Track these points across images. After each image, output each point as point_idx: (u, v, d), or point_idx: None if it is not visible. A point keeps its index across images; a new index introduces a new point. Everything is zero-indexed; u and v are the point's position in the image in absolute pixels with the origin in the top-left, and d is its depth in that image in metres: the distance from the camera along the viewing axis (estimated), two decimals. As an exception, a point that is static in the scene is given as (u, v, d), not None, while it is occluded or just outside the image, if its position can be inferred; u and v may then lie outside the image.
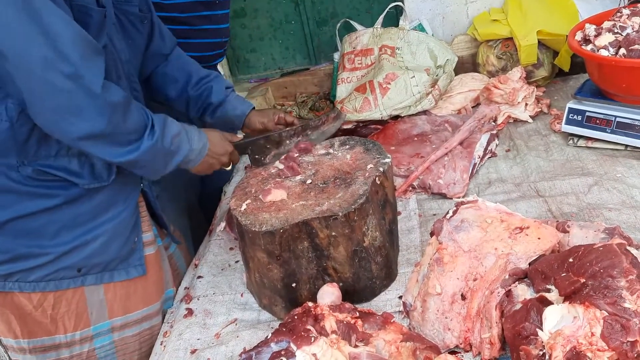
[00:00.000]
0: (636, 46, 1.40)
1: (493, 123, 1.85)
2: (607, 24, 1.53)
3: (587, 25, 1.56)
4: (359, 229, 1.16)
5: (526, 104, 1.87)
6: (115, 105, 1.04)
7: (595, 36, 1.51)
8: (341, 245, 1.15)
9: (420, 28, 2.30)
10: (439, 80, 2.03)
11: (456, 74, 2.17)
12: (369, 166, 1.27)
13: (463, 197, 1.57)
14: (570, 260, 0.91)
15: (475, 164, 1.66)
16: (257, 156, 1.39)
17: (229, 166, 1.38)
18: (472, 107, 2.02)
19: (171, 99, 1.52)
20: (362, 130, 2.09)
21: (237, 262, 1.51)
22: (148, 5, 1.39)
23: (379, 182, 1.23)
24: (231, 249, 1.58)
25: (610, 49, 1.45)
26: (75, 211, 1.22)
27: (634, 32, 1.44)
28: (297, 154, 1.37)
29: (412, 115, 2.00)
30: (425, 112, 2.02)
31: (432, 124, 1.93)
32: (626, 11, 1.56)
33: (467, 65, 2.28)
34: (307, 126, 1.43)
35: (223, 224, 1.64)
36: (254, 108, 1.57)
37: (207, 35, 1.78)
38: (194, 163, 1.26)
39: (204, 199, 2.09)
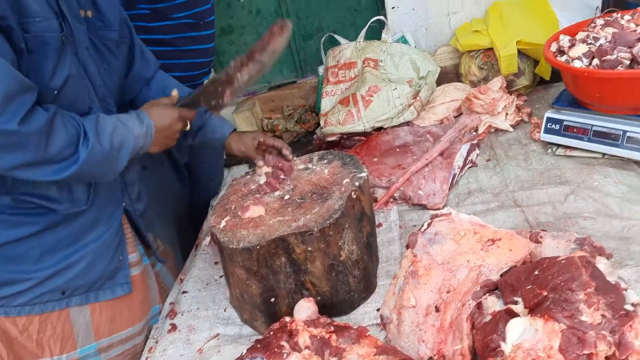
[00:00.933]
0: (608, 57, 1.42)
1: (474, 133, 1.88)
2: (581, 35, 1.56)
3: (561, 36, 1.59)
4: (335, 244, 1.18)
5: (506, 114, 1.89)
6: (37, 133, 1.01)
7: (570, 47, 1.54)
8: (318, 260, 1.17)
9: (403, 40, 2.33)
10: (420, 92, 2.06)
11: (439, 84, 2.20)
12: (345, 181, 1.29)
13: (443, 207, 1.59)
14: (536, 272, 0.92)
15: (455, 175, 1.68)
16: (213, 102, 1.31)
17: (186, 127, 1.33)
18: (455, 117, 2.05)
19: None
20: (346, 142, 2.11)
21: (221, 276, 1.53)
22: (129, 30, 1.41)
23: (355, 197, 1.25)
24: (216, 263, 1.60)
25: (584, 59, 1.48)
26: (56, 236, 1.24)
27: (607, 43, 1.46)
28: (283, 176, 1.37)
29: (395, 126, 2.03)
30: (407, 123, 2.04)
31: (414, 134, 1.96)
32: (600, 21, 1.59)
33: (450, 75, 2.30)
34: (253, 50, 1.28)
35: (208, 238, 1.66)
36: (234, 130, 1.56)
37: (193, 56, 1.81)
38: (146, 147, 1.23)
39: (193, 212, 2.11)
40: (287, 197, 1.29)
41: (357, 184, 1.27)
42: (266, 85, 2.72)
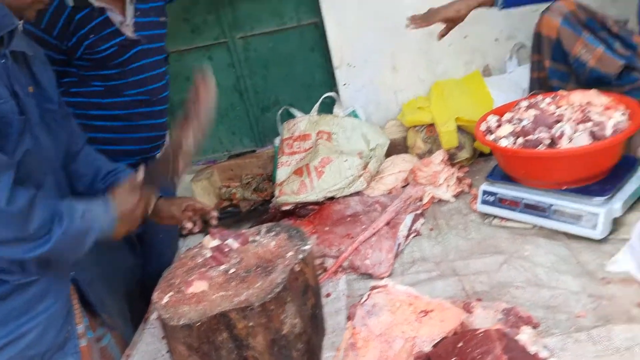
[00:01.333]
0: (530, 137, 1.56)
1: (419, 203, 1.98)
2: (507, 116, 1.71)
3: (490, 116, 1.74)
4: (277, 318, 1.22)
5: (448, 185, 2.01)
6: (20, 213, 1.09)
7: (497, 127, 1.68)
8: (260, 334, 1.20)
9: (355, 114, 2.47)
10: (369, 163, 2.17)
11: (389, 156, 2.32)
12: (289, 254, 1.34)
13: (389, 276, 1.65)
14: (459, 345, 0.98)
15: (400, 244, 1.76)
16: (168, 173, 1.34)
17: (149, 210, 1.38)
18: (402, 187, 2.16)
19: (80, 193, 1.57)
20: (300, 211, 2.18)
21: (168, 351, 1.53)
22: (63, 103, 1.47)
23: (298, 269, 1.30)
24: (163, 337, 1.59)
25: (510, 138, 1.62)
26: (7, 306, 1.24)
27: (529, 124, 1.61)
28: (227, 249, 1.42)
29: (346, 196, 2.12)
30: (358, 193, 2.14)
31: (364, 204, 2.05)
32: (524, 103, 1.75)
33: (399, 147, 2.44)
34: (187, 112, 1.32)
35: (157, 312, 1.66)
36: (162, 196, 1.59)
37: (146, 130, 1.88)
38: (110, 232, 1.28)
39: (146, 284, 2.10)
40: (232, 270, 1.33)
41: (300, 256, 1.33)
42: (226, 154, 2.80)
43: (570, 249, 1.53)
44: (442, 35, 1.87)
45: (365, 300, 1.27)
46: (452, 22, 1.89)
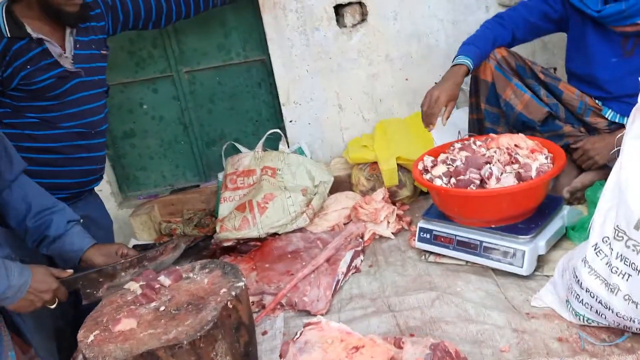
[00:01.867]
0: (462, 177, 1.63)
1: (360, 239, 2.01)
2: (442, 157, 1.79)
3: (425, 157, 1.81)
4: (207, 356, 1.19)
5: (388, 222, 2.06)
6: None
7: (432, 167, 1.75)
8: (188, 373, 1.17)
9: (300, 151, 2.51)
10: (313, 200, 2.20)
11: (333, 192, 2.35)
12: (222, 290, 1.33)
13: (326, 313, 1.65)
14: (385, 380, 0.99)
15: (339, 281, 1.77)
16: (88, 290, 1.40)
17: (53, 304, 1.36)
18: (345, 224, 2.19)
19: (12, 227, 1.51)
20: (242, 247, 2.16)
21: (93, 393, 1.45)
22: None
23: (231, 306, 1.28)
24: (89, 379, 1.52)
25: (444, 178, 1.69)
26: None
27: (462, 164, 1.69)
28: (158, 286, 1.38)
29: (289, 232, 2.13)
30: (301, 229, 2.15)
31: (305, 241, 2.05)
32: (458, 145, 1.83)
33: (344, 184, 2.48)
34: (144, 257, 1.46)
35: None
36: (95, 244, 1.57)
37: (83, 163, 1.84)
38: (12, 300, 1.25)
39: (78, 323, 2.01)
40: (162, 308, 1.30)
41: (233, 293, 1.31)
42: (168, 188, 2.76)
43: (499, 285, 1.59)
44: (447, 118, 1.92)
45: (298, 337, 1.26)
46: (454, 102, 1.92)
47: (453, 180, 1.66)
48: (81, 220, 1.89)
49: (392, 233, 2.04)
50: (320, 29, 2.41)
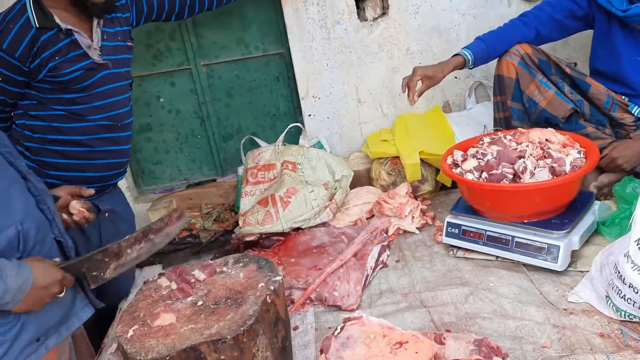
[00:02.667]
0: (494, 171, 1.62)
1: (385, 235, 1.99)
2: (471, 151, 1.77)
3: (455, 151, 1.79)
4: (249, 351, 1.17)
5: (412, 217, 2.04)
6: None
7: (462, 161, 1.73)
8: (230, 369, 1.15)
9: (320, 145, 2.49)
10: (336, 194, 2.18)
11: (353, 187, 2.34)
12: (260, 285, 1.31)
13: (357, 308, 1.64)
14: (439, 376, 0.98)
15: (367, 275, 1.75)
16: (94, 273, 1.29)
17: (62, 293, 1.25)
18: (367, 219, 2.17)
19: None
20: (264, 242, 2.14)
21: (126, 389, 1.43)
22: None
23: (269, 301, 1.27)
24: (120, 374, 1.50)
25: (475, 172, 1.67)
26: None
27: (493, 159, 1.67)
28: (193, 280, 1.36)
29: (312, 227, 2.11)
30: (324, 224, 2.13)
31: (330, 235, 2.04)
32: (487, 139, 1.82)
33: (363, 178, 2.46)
34: (149, 230, 1.36)
35: (115, 346, 1.57)
36: None
37: (109, 156, 1.82)
38: (14, 303, 1.13)
39: (100, 315, 1.99)
40: (200, 302, 1.28)
41: (272, 287, 1.29)
42: (184, 182, 2.74)
43: (532, 281, 1.58)
44: (420, 93, 1.95)
45: (339, 332, 1.25)
46: (430, 82, 1.96)
47: (484, 174, 1.65)
48: (107, 214, 1.87)
49: (417, 228, 2.03)
50: (341, 22, 2.39)
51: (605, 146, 1.85)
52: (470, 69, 2.03)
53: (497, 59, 2.01)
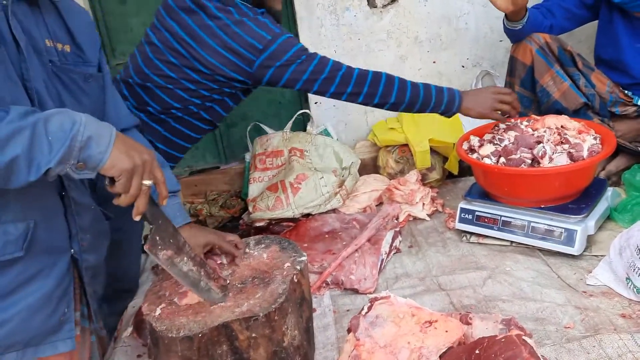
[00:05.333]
0: (513, 156, 1.63)
1: (396, 221, 1.99)
2: (487, 136, 1.78)
3: (471, 136, 1.80)
4: (280, 329, 1.17)
5: (423, 204, 2.05)
6: None
7: (479, 146, 1.74)
8: (261, 346, 1.14)
9: (326, 133, 2.48)
10: (345, 181, 2.17)
11: (359, 175, 2.34)
12: (286, 265, 1.30)
13: (374, 291, 1.64)
14: (477, 352, 0.98)
15: (382, 260, 1.75)
16: (157, 237, 1.11)
17: (149, 180, 1.05)
18: (376, 206, 2.17)
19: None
20: (274, 228, 2.13)
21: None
22: (103, 73, 1.32)
23: (296, 280, 1.26)
24: (139, 356, 1.48)
25: (492, 157, 1.68)
26: None
27: (511, 144, 1.68)
28: (219, 261, 1.35)
29: (323, 213, 2.10)
30: (334, 210, 2.13)
31: (341, 221, 2.03)
32: (502, 125, 1.83)
33: (368, 167, 2.46)
34: (206, 270, 1.24)
35: (130, 329, 1.54)
36: (188, 224, 1.39)
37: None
38: (97, 160, 0.98)
39: (112, 298, 1.93)
40: (227, 282, 1.27)
41: (298, 267, 1.29)
42: (187, 169, 2.70)
43: (549, 265, 1.60)
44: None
45: (367, 311, 1.25)
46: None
47: (502, 159, 1.66)
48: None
49: (427, 215, 2.04)
50: (350, 8, 2.38)
51: None
52: (518, 29, 1.94)
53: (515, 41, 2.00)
